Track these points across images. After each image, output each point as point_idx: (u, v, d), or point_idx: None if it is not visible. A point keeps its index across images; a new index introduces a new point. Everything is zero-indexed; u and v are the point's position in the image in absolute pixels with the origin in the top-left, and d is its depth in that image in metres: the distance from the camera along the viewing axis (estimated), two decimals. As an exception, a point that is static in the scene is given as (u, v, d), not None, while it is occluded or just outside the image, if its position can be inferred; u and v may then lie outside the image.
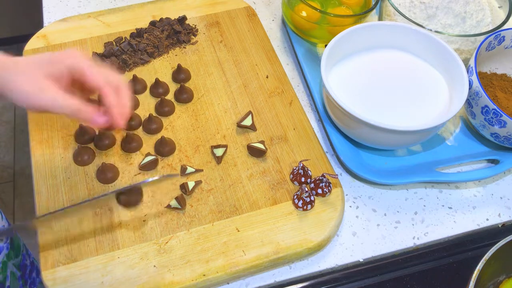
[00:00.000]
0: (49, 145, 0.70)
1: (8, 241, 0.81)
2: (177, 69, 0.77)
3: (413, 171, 0.69)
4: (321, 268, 0.63)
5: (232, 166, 0.69)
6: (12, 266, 0.82)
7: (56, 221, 0.62)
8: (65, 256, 0.60)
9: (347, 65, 0.74)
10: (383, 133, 0.64)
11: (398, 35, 0.74)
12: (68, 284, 0.58)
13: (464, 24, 0.77)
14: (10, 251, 0.81)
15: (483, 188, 0.71)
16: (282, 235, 0.63)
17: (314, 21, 0.77)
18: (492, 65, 0.76)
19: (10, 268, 0.81)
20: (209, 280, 0.59)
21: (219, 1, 0.88)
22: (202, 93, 0.76)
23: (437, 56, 0.72)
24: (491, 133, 0.69)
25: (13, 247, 0.83)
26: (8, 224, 0.83)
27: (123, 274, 0.59)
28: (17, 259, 0.84)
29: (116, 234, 0.62)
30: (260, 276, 0.62)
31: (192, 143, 0.71)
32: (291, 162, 0.69)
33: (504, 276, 0.61)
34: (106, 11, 0.85)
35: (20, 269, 0.85)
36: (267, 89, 0.77)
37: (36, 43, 0.80)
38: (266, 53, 0.81)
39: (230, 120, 0.73)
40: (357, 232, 0.66)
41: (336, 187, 0.67)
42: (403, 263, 0.64)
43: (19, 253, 0.85)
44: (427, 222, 0.67)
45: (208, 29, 0.84)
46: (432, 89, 0.72)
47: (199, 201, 0.65)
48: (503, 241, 0.56)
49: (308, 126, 0.73)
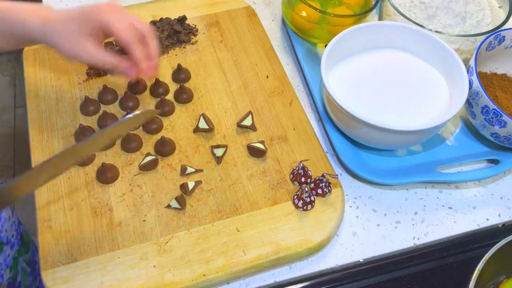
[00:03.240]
0: (49, 145, 0.70)
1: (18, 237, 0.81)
2: (177, 69, 0.77)
3: (413, 171, 0.69)
4: (321, 268, 0.63)
5: (232, 166, 0.69)
6: (23, 261, 0.82)
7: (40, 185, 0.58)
8: (65, 256, 0.60)
9: (347, 65, 0.74)
10: (383, 133, 0.64)
11: (398, 35, 0.74)
12: (68, 284, 0.58)
13: (464, 24, 0.77)
14: (21, 247, 0.81)
15: (483, 188, 0.71)
16: (282, 235, 0.63)
17: (314, 21, 0.77)
18: (492, 65, 0.76)
19: (21, 264, 0.81)
20: (209, 280, 0.59)
21: (219, 1, 0.88)
22: (202, 93, 0.76)
23: (437, 56, 0.72)
24: (491, 133, 0.69)
25: (24, 243, 0.83)
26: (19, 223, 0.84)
27: (123, 274, 0.59)
28: (27, 255, 0.84)
29: (116, 234, 0.62)
30: (260, 276, 0.62)
31: (192, 143, 0.71)
32: (291, 162, 0.69)
33: (504, 276, 0.61)
34: (106, 11, 0.85)
35: (30, 265, 0.85)
36: (267, 89, 0.77)
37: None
38: (266, 53, 0.81)
39: (230, 120, 0.73)
40: (357, 232, 0.66)
41: (336, 187, 0.67)
42: (403, 263, 0.64)
43: (29, 249, 0.85)
44: (427, 222, 0.67)
45: (208, 29, 0.84)
46: (432, 89, 0.72)
47: (199, 201, 0.65)
48: (503, 241, 0.56)
49: (308, 126, 0.73)
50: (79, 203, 0.64)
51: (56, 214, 0.63)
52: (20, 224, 0.84)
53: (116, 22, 0.59)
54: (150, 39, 0.63)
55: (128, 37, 0.60)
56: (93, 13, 0.59)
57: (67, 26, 0.60)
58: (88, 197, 0.65)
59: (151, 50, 0.63)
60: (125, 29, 0.60)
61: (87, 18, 0.59)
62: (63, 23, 0.60)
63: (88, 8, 0.60)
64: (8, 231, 0.77)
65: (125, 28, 0.60)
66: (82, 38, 0.60)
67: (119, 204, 0.65)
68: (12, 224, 0.79)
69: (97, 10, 0.59)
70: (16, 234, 0.80)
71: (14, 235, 0.79)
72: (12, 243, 0.78)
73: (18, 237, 0.81)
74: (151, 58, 0.63)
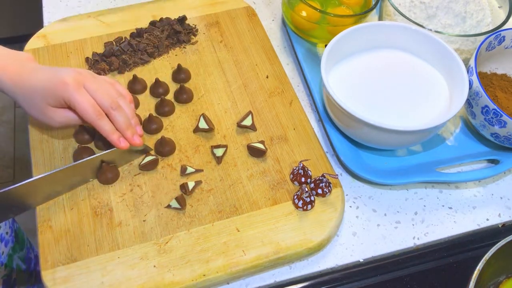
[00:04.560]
0: (49, 145, 0.70)
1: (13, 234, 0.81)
2: (177, 69, 0.77)
3: (413, 171, 0.69)
4: (321, 268, 0.63)
5: (232, 166, 0.69)
6: (18, 259, 0.82)
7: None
8: (65, 256, 0.60)
9: (347, 65, 0.74)
10: (383, 133, 0.64)
11: (398, 35, 0.74)
12: (68, 284, 0.58)
13: (464, 24, 0.77)
14: (15, 244, 0.82)
15: (483, 188, 0.71)
16: (282, 235, 0.63)
17: (314, 21, 0.77)
18: (492, 65, 0.76)
19: (16, 261, 0.81)
20: (209, 280, 0.59)
21: (219, 1, 0.88)
22: (202, 93, 0.76)
23: (437, 56, 0.72)
24: (491, 133, 0.69)
25: (18, 241, 0.83)
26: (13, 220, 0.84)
27: (123, 274, 0.59)
28: (22, 252, 0.84)
29: (116, 234, 0.62)
30: (260, 276, 0.62)
31: (192, 143, 0.71)
32: (291, 162, 0.69)
33: (504, 276, 0.61)
34: (106, 11, 0.85)
35: (25, 262, 0.85)
36: (267, 89, 0.77)
37: (36, 43, 0.80)
38: (266, 53, 0.81)
39: (230, 120, 0.73)
40: (357, 232, 0.66)
41: (336, 187, 0.67)
42: (403, 263, 0.64)
43: (23, 246, 0.85)
44: (427, 222, 0.67)
45: (208, 29, 0.84)
46: (432, 89, 0.72)
47: (199, 201, 0.65)
48: (503, 241, 0.56)
49: (308, 126, 0.73)
50: (79, 203, 0.64)
51: (56, 214, 0.63)
52: (14, 222, 0.84)
53: (80, 102, 0.58)
54: (124, 108, 0.62)
55: (91, 117, 0.59)
56: (56, 90, 0.58)
57: (31, 96, 0.59)
58: (88, 197, 0.65)
59: (123, 121, 0.62)
60: (87, 110, 0.58)
61: (51, 94, 0.58)
62: (29, 92, 0.59)
63: (53, 83, 0.58)
64: (2, 228, 0.78)
65: (86, 109, 0.58)
66: (46, 109, 0.60)
67: (119, 204, 0.65)
68: (6, 222, 0.79)
69: (61, 87, 0.58)
70: (11, 231, 0.81)
71: (8, 232, 0.80)
72: (6, 241, 0.78)
73: (12, 234, 0.81)
74: (129, 126, 0.62)
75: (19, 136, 1.86)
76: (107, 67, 0.77)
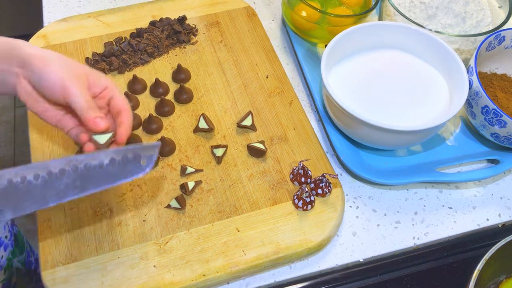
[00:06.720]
0: (49, 145, 0.70)
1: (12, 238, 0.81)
2: (177, 69, 0.77)
3: (413, 171, 0.69)
4: (321, 268, 0.63)
5: (232, 166, 0.69)
6: (17, 262, 0.82)
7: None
8: (65, 256, 0.60)
9: (347, 65, 0.74)
10: (383, 133, 0.64)
11: (398, 35, 0.74)
12: (68, 284, 0.58)
13: (464, 24, 0.77)
14: (15, 248, 0.81)
15: (483, 188, 0.71)
16: (282, 235, 0.63)
17: (314, 21, 0.77)
18: (492, 65, 0.76)
19: (15, 265, 0.81)
20: (209, 280, 0.59)
21: (219, 1, 0.88)
22: (202, 93, 0.76)
23: (437, 56, 0.72)
24: (491, 133, 0.69)
25: (18, 244, 0.83)
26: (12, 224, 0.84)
27: (123, 274, 0.59)
28: (21, 256, 0.84)
29: (116, 234, 0.62)
30: (260, 276, 0.62)
31: (192, 143, 0.71)
32: (291, 162, 0.69)
33: (504, 276, 0.61)
34: (106, 11, 0.85)
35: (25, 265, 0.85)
36: (267, 89, 0.77)
37: (36, 43, 0.80)
38: (266, 53, 0.81)
39: (230, 120, 0.73)
40: (357, 232, 0.66)
41: (336, 187, 0.67)
42: (403, 263, 0.64)
43: (23, 250, 0.85)
44: (427, 222, 0.67)
45: (208, 29, 0.84)
46: (432, 89, 0.72)
47: (199, 201, 0.65)
48: (503, 241, 0.56)
49: (308, 126, 0.73)
50: (79, 203, 0.64)
51: (56, 214, 0.63)
52: (13, 225, 0.84)
53: (82, 109, 0.54)
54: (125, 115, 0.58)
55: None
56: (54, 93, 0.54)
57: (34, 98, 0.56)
58: (88, 197, 0.65)
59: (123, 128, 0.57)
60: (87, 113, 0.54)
61: (49, 94, 0.55)
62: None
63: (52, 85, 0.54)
64: (1, 232, 0.77)
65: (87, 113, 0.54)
66: (44, 103, 0.57)
67: (119, 204, 0.65)
68: (5, 226, 0.79)
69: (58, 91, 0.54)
70: (10, 235, 0.80)
71: (8, 236, 0.79)
72: (5, 245, 0.78)
73: (12, 238, 0.81)
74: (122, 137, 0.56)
75: (19, 136, 1.86)
76: (107, 67, 0.77)
